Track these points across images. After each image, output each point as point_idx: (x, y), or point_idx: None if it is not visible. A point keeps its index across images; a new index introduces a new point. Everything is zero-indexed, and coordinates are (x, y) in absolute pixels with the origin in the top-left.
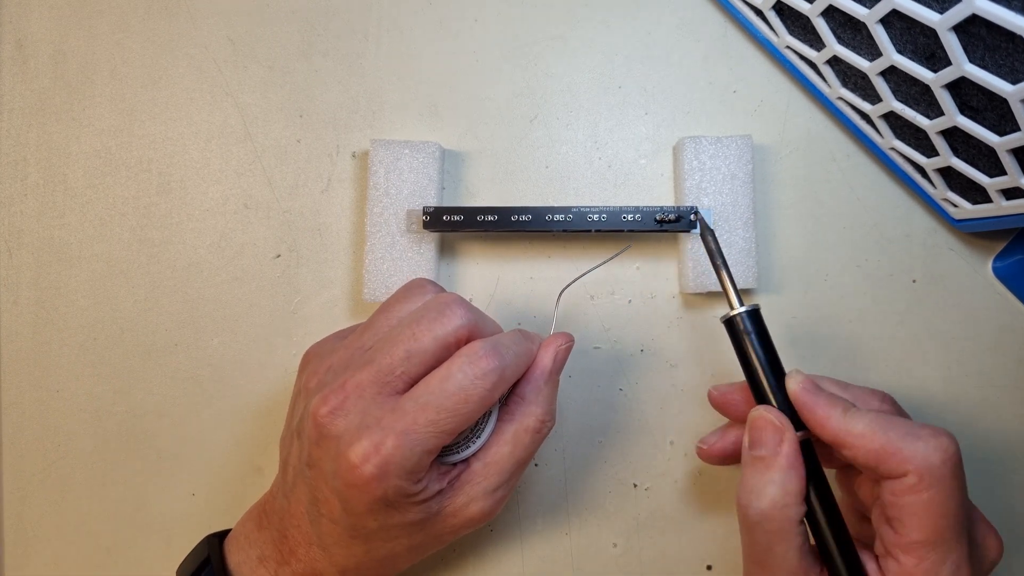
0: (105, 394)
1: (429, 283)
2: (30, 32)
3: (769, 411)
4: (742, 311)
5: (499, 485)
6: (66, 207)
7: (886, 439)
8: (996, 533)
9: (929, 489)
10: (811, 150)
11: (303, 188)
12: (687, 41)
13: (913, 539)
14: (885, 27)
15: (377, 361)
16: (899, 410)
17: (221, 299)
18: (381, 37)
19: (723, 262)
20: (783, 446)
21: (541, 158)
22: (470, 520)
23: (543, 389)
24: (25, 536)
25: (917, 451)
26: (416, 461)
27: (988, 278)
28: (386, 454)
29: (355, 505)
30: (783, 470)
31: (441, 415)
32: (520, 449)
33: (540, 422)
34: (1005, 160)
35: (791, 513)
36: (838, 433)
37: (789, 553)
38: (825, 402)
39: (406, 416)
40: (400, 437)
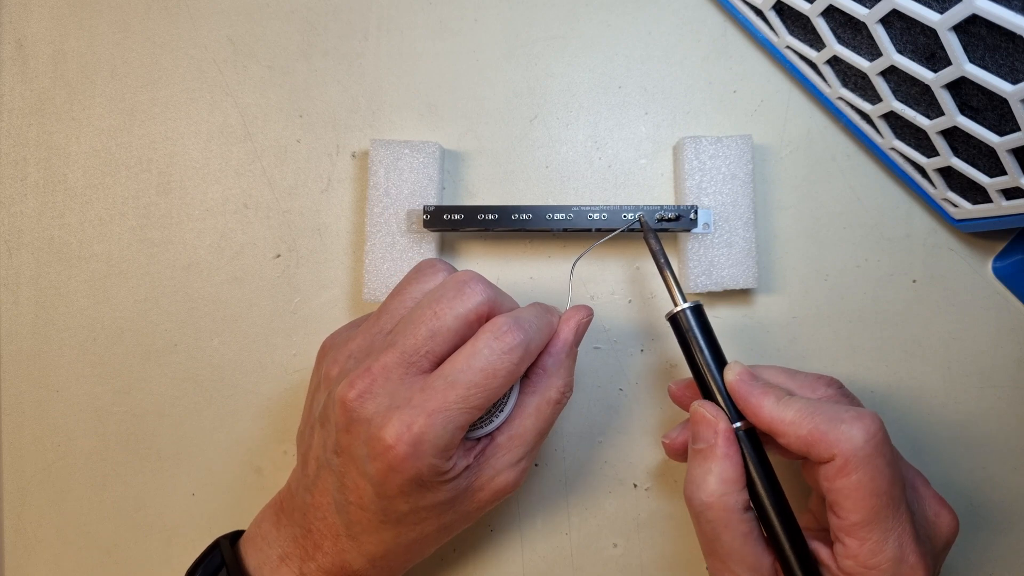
0: (105, 394)
1: (440, 262)
2: (30, 32)
3: (704, 405)
4: (685, 307)
5: (523, 456)
6: (66, 207)
7: (813, 425)
8: (950, 509)
9: (856, 470)
10: (811, 150)
11: (303, 188)
12: (687, 41)
13: (852, 521)
14: (885, 27)
15: (401, 343)
16: (845, 394)
17: (221, 299)
18: (381, 37)
19: (666, 261)
20: (718, 438)
21: (541, 158)
22: (496, 493)
23: (564, 361)
24: (25, 536)
25: (841, 434)
26: (449, 438)
27: (988, 278)
28: (419, 432)
29: (388, 488)
30: (719, 460)
31: (471, 391)
32: (542, 420)
33: (561, 393)
34: (1005, 160)
35: (730, 501)
36: (771, 421)
37: (735, 540)
38: (759, 391)
39: (436, 394)
40: (432, 416)
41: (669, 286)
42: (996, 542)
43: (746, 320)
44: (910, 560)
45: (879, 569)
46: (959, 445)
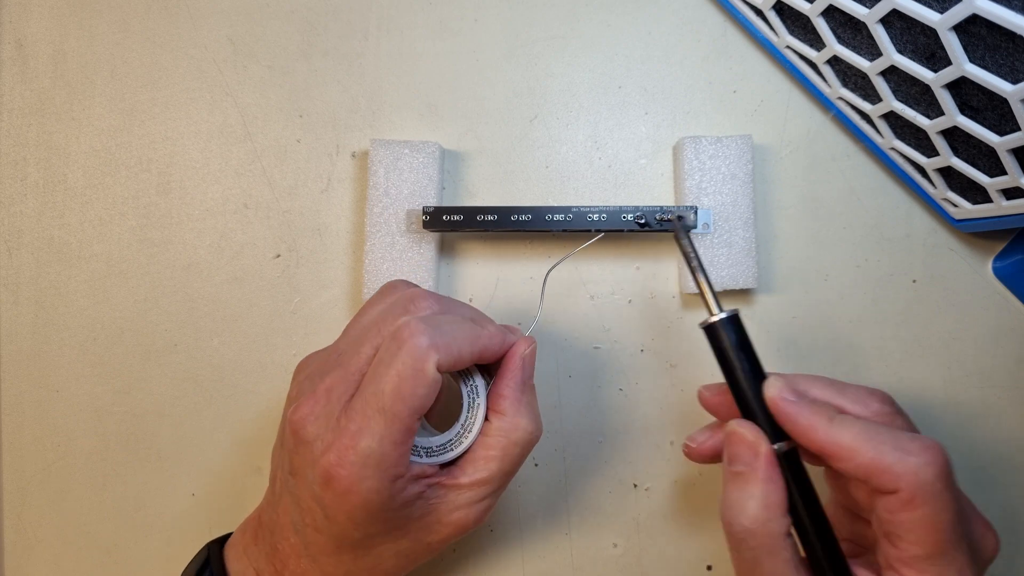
0: (105, 394)
1: (402, 283)
2: (30, 32)
3: (742, 425)
4: (722, 316)
5: (485, 496)
6: (66, 207)
7: (876, 454)
8: (992, 528)
9: (924, 506)
10: (811, 150)
11: (303, 188)
12: (687, 41)
13: (913, 554)
14: (885, 27)
15: (345, 363)
16: (897, 411)
17: (221, 299)
18: (381, 37)
19: (699, 264)
20: (759, 461)
21: (541, 158)
22: (458, 528)
23: (522, 399)
24: (25, 536)
25: (908, 467)
26: (380, 456)
27: (988, 278)
28: (351, 458)
29: (335, 512)
30: (761, 484)
31: (386, 401)
32: (508, 462)
33: (528, 434)
34: (1005, 160)
35: (774, 528)
36: (824, 445)
37: (777, 567)
38: (808, 411)
39: (356, 413)
40: (356, 437)
41: (704, 293)
42: None
43: (746, 320)
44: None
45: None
46: (959, 445)
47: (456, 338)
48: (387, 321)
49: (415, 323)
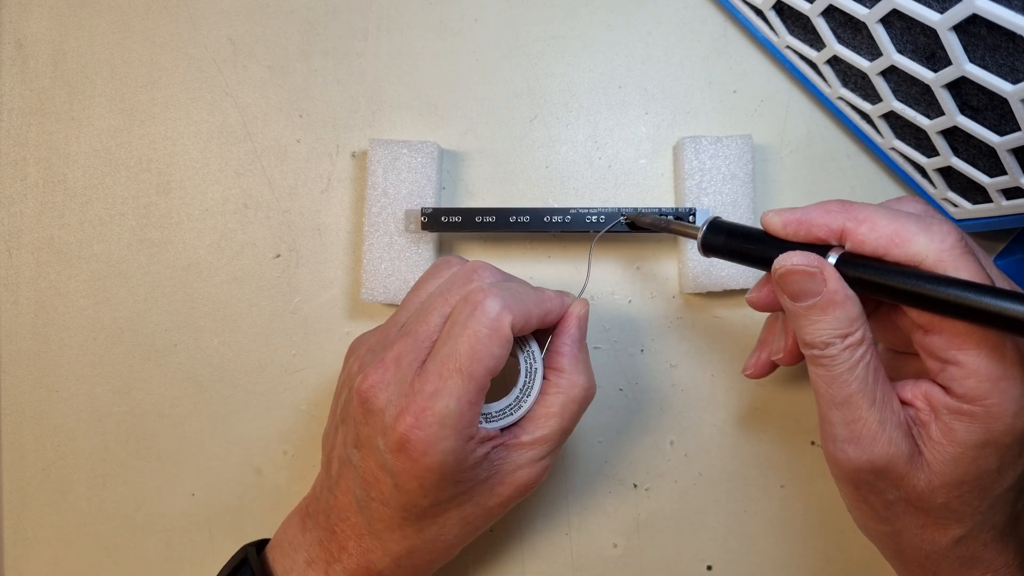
0: (105, 394)
1: (456, 258)
2: (30, 32)
3: (793, 257)
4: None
5: (546, 454)
6: (66, 207)
7: (896, 223)
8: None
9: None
10: (812, 150)
11: (303, 188)
12: (687, 41)
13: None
14: (885, 27)
15: (413, 331)
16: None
17: (221, 299)
18: (381, 37)
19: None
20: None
21: (541, 158)
22: (518, 488)
23: (578, 356)
24: (25, 536)
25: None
26: (458, 415)
27: None
28: (429, 419)
29: (406, 480)
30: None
31: (462, 362)
32: (567, 419)
33: (584, 390)
34: (1005, 160)
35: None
36: (844, 221)
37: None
38: (814, 206)
39: (432, 375)
40: (433, 398)
41: (681, 229)
42: None
43: (746, 320)
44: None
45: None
46: None
47: (525, 300)
48: (453, 290)
49: (487, 287)
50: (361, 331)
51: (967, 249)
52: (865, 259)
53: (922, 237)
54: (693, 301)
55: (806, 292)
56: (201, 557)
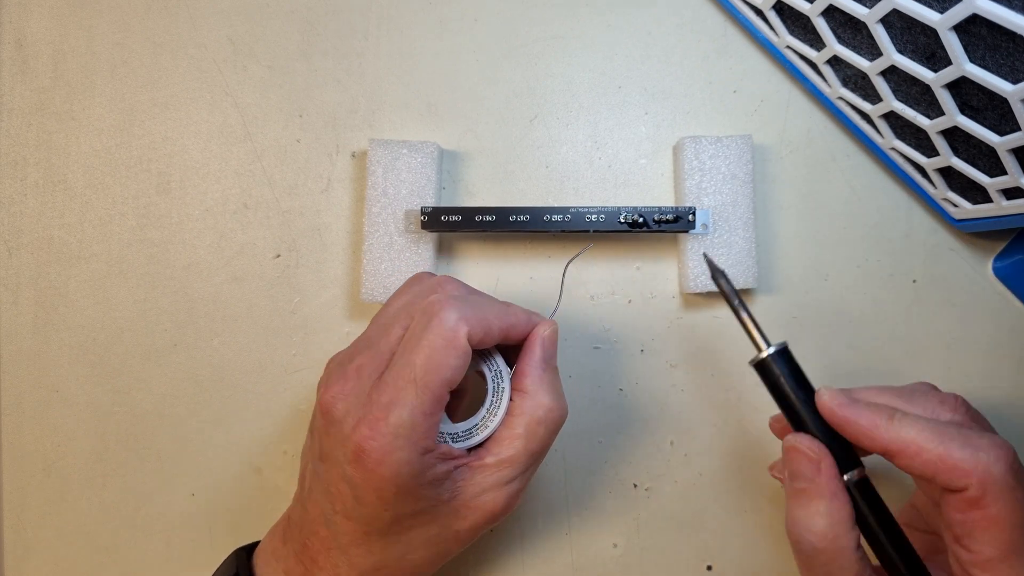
0: (105, 394)
1: (427, 274)
2: (30, 32)
3: (801, 439)
4: (771, 352)
5: (512, 477)
6: (66, 207)
7: (944, 450)
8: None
9: (994, 503)
10: (811, 150)
11: (303, 188)
12: (687, 41)
13: (987, 556)
14: (885, 27)
15: (375, 344)
16: (974, 416)
17: (221, 299)
18: (381, 37)
19: (741, 303)
20: (821, 476)
21: (541, 158)
22: (487, 514)
23: (543, 377)
24: (25, 536)
25: (979, 462)
26: (411, 426)
27: (988, 278)
28: (383, 429)
29: (365, 492)
30: (826, 501)
31: (417, 372)
32: (534, 442)
33: (549, 411)
34: (1005, 160)
35: (843, 542)
36: (888, 443)
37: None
38: (868, 411)
39: (388, 386)
40: (388, 409)
41: (750, 331)
42: None
43: None
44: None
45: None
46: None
47: (485, 312)
48: (415, 303)
49: (445, 298)
50: (361, 331)
51: (1015, 482)
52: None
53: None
54: (693, 301)
55: (800, 474)
56: (201, 557)
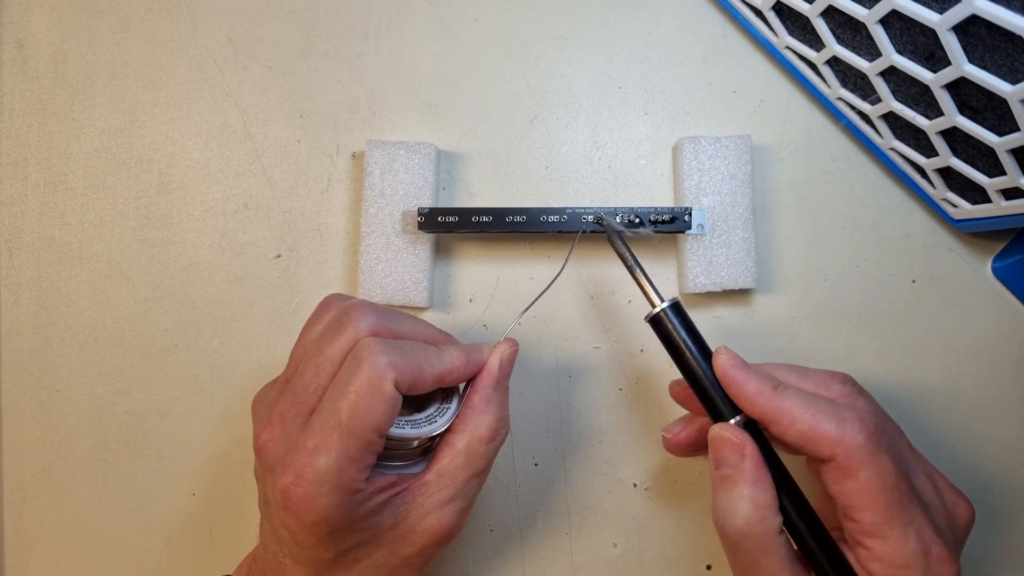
0: (105, 394)
1: (336, 297)
2: (31, 32)
3: (725, 428)
4: (664, 306)
5: (454, 496)
6: (66, 207)
7: (815, 421)
8: (965, 498)
9: (863, 469)
10: (811, 150)
11: (303, 188)
12: (687, 41)
13: (869, 522)
14: (885, 27)
15: (292, 388)
16: (859, 391)
17: (221, 299)
18: (381, 37)
19: (636, 262)
20: (745, 462)
21: (541, 158)
22: (431, 537)
23: (492, 396)
24: (25, 536)
25: (844, 432)
26: (338, 472)
27: (988, 278)
28: (308, 475)
29: (300, 535)
30: (750, 485)
31: (343, 418)
32: (475, 460)
33: (492, 431)
34: (1004, 160)
35: (767, 526)
36: (768, 410)
37: (774, 564)
38: (756, 378)
39: (314, 431)
40: (313, 455)
41: (644, 288)
42: (998, 542)
43: (745, 320)
44: (934, 551)
45: (908, 567)
46: (959, 445)
47: (416, 359)
48: (324, 339)
49: (375, 343)
50: None
51: (877, 448)
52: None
53: (833, 436)
54: (693, 301)
55: (725, 461)
56: (201, 557)
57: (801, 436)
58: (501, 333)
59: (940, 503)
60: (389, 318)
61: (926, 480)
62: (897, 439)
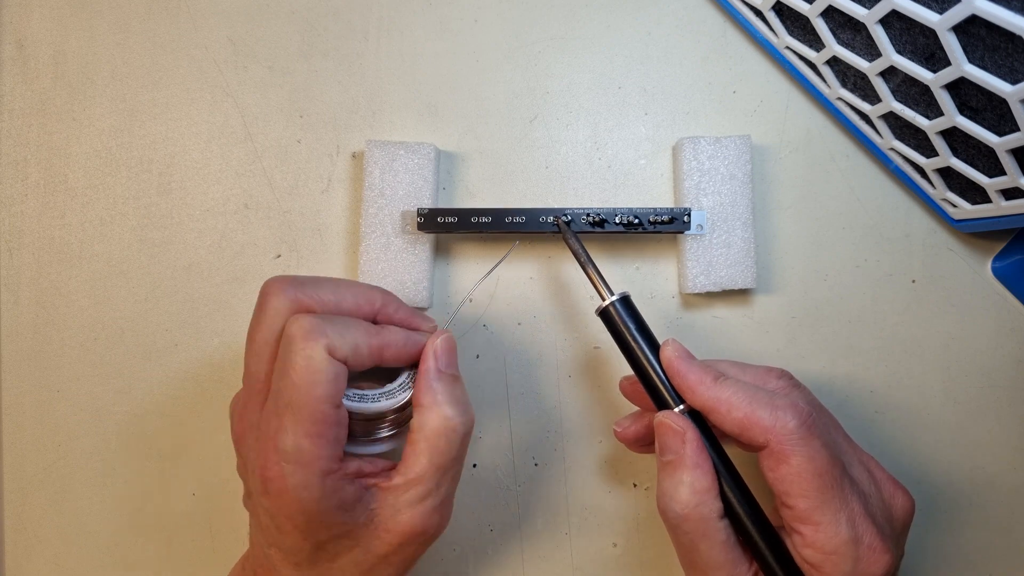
0: (105, 394)
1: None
2: (31, 32)
3: (668, 416)
4: (613, 299)
5: (425, 495)
6: (66, 207)
7: (751, 409)
8: (904, 490)
9: (795, 455)
10: (811, 150)
11: (303, 188)
12: (687, 41)
13: (801, 508)
14: (885, 27)
15: (245, 380)
16: (796, 384)
17: (222, 299)
18: (381, 37)
19: (588, 258)
20: (686, 447)
21: (541, 158)
22: (405, 535)
23: (437, 388)
24: (25, 536)
25: (776, 419)
26: (298, 450)
27: (987, 278)
28: (274, 457)
29: (281, 521)
30: (689, 470)
31: (291, 395)
32: (438, 455)
33: (448, 421)
34: (1004, 160)
35: (706, 511)
36: (707, 400)
37: (713, 549)
38: (697, 369)
39: (271, 415)
40: (275, 437)
41: (594, 281)
42: (996, 542)
43: (745, 320)
44: (866, 540)
45: (838, 553)
46: (959, 445)
47: (349, 330)
48: (253, 327)
49: (302, 318)
50: None
51: (809, 434)
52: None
53: (767, 423)
54: (693, 301)
55: (668, 447)
56: (201, 557)
57: (738, 424)
58: (502, 333)
59: (877, 493)
60: (311, 286)
61: (863, 470)
62: (832, 429)
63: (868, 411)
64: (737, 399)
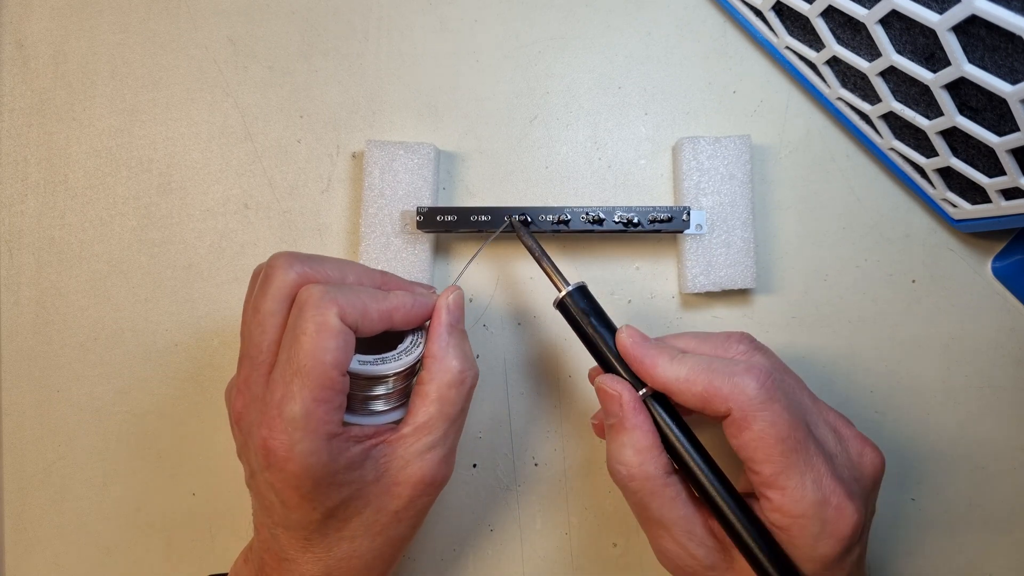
0: (105, 394)
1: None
2: (31, 32)
3: (605, 379)
4: (569, 289)
5: (433, 444)
6: (66, 207)
7: (707, 380)
8: (873, 446)
9: (756, 420)
10: (811, 150)
11: (303, 188)
12: (687, 41)
13: (767, 473)
14: (885, 27)
15: (246, 352)
16: (757, 347)
17: (221, 299)
18: (381, 38)
19: (542, 252)
20: (623, 409)
21: (541, 158)
22: (416, 485)
23: (449, 340)
24: (25, 536)
25: (735, 387)
26: (306, 416)
27: (987, 278)
28: (280, 425)
29: (286, 494)
30: (628, 432)
31: (301, 362)
32: (448, 405)
33: (460, 373)
34: (1004, 160)
35: (650, 469)
36: (667, 381)
37: (663, 506)
38: (653, 351)
39: (277, 384)
40: (281, 405)
41: (549, 274)
42: (996, 542)
43: (745, 320)
44: (834, 501)
45: (806, 516)
46: (959, 445)
47: (359, 295)
48: (258, 297)
49: (313, 287)
50: None
51: (769, 398)
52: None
53: (726, 391)
54: (693, 301)
55: (610, 412)
56: (201, 557)
57: (699, 398)
58: (502, 333)
59: (844, 452)
60: (316, 262)
61: (828, 430)
62: (797, 390)
63: (868, 411)
64: (694, 374)
